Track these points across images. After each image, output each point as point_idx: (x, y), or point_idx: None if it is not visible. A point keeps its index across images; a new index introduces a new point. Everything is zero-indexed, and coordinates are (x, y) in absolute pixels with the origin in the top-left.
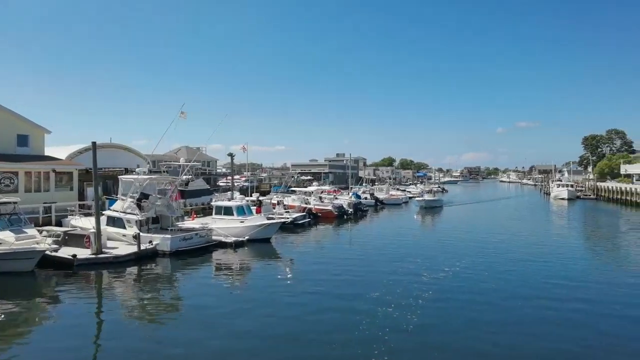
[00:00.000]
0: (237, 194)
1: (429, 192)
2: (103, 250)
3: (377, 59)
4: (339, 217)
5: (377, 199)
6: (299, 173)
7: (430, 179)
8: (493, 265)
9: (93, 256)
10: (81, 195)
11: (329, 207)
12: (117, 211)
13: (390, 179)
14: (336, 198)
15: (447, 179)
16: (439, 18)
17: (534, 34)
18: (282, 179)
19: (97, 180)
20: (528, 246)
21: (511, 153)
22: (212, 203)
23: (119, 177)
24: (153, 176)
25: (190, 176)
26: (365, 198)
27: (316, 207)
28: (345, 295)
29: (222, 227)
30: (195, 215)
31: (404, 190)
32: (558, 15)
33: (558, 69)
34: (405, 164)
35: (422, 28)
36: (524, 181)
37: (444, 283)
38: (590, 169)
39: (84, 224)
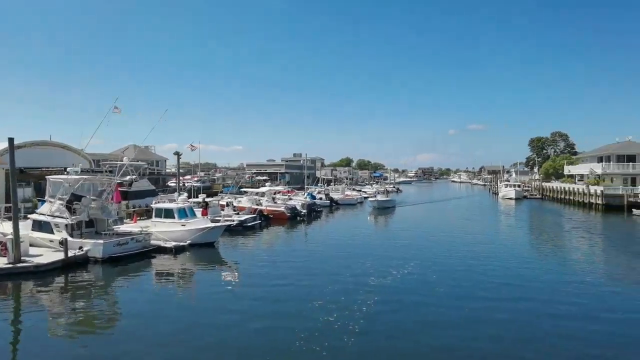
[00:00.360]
0: (184, 195)
1: (382, 192)
2: (22, 258)
3: (336, 61)
4: (292, 218)
5: (332, 200)
6: (254, 173)
7: (386, 179)
8: (441, 267)
9: (9, 265)
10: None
11: (282, 209)
12: (43, 214)
13: (347, 179)
14: (290, 199)
15: (402, 179)
16: (393, 20)
17: (483, 40)
18: (234, 179)
19: (14, 180)
20: (477, 246)
21: (462, 154)
22: (152, 205)
23: (46, 177)
24: (85, 176)
25: (133, 176)
26: (320, 198)
27: (268, 208)
28: (287, 301)
29: (162, 230)
30: (137, 218)
31: (360, 191)
32: (502, 21)
33: (506, 73)
34: (363, 165)
35: (378, 30)
36: (474, 181)
37: (390, 287)
38: (536, 169)
39: (6, 229)
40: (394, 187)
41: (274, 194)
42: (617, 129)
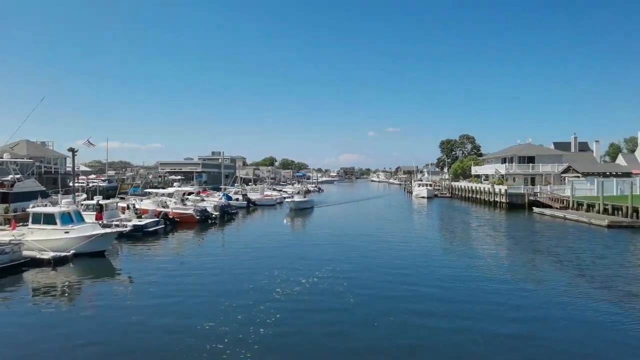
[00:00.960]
0: (83, 196)
1: (300, 193)
2: None
3: (266, 59)
4: (202, 221)
5: (249, 200)
6: (167, 172)
7: (309, 178)
8: (354, 272)
9: None
10: None
11: (190, 211)
12: None
13: (269, 178)
14: (203, 200)
15: (324, 178)
16: (313, 22)
17: (399, 46)
18: (142, 179)
19: None
20: (391, 247)
21: (381, 155)
22: (29, 209)
23: None
24: None
25: (17, 175)
26: (237, 199)
27: (174, 211)
28: (176, 319)
29: (40, 239)
30: (16, 224)
31: (280, 191)
32: (416, 22)
33: (419, 80)
34: (287, 164)
35: (299, 31)
36: (391, 181)
37: (296, 300)
38: (446, 169)
39: None
40: (316, 186)
41: (185, 194)
42: (518, 131)
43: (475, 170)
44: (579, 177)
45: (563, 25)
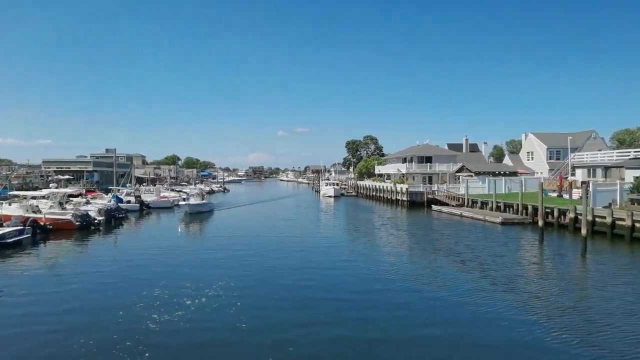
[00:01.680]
0: None
1: (197, 194)
2: None
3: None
4: (84, 228)
5: (142, 202)
6: (53, 171)
7: (215, 178)
8: (250, 288)
9: None
10: None
11: (68, 217)
12: None
13: (169, 178)
14: (88, 202)
15: (231, 178)
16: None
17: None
18: (7, 178)
19: None
20: (296, 251)
21: (290, 154)
22: None
23: None
24: None
25: None
26: (129, 201)
27: (48, 216)
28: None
29: None
30: None
31: (180, 191)
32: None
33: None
34: (191, 163)
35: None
36: (300, 180)
37: (173, 333)
38: (351, 169)
39: None
40: (221, 186)
41: (65, 196)
42: (416, 132)
43: (378, 169)
44: (472, 176)
45: (457, 31)
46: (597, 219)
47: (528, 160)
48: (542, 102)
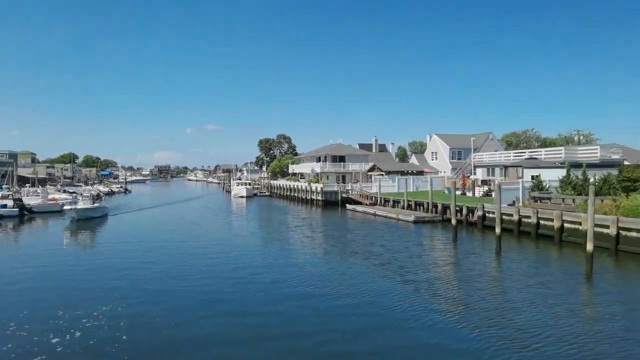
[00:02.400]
0: None
1: (86, 197)
2: None
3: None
4: None
5: (23, 207)
6: None
7: (117, 177)
8: (140, 316)
9: None
10: None
11: None
12: None
13: (64, 177)
14: None
15: (135, 177)
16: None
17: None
18: None
19: None
20: (197, 264)
21: (200, 153)
22: None
23: None
24: None
25: None
26: (4, 205)
27: None
28: None
29: None
30: None
31: (74, 193)
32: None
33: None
34: (91, 162)
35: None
36: (210, 179)
37: None
38: (264, 168)
39: None
40: (122, 187)
41: None
42: (328, 132)
43: (292, 169)
44: (383, 175)
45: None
46: (504, 217)
47: (433, 160)
48: (439, 105)
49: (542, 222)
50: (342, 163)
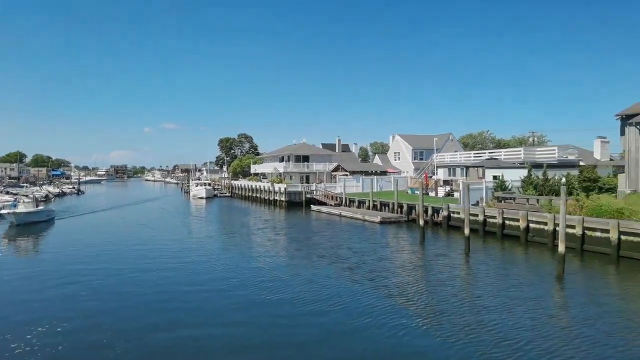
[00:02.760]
0: None
1: (28, 200)
2: None
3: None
4: None
5: None
6: None
7: (69, 178)
8: (86, 329)
9: None
10: None
11: None
12: None
13: (9, 178)
14: None
15: (89, 178)
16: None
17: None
18: None
19: None
20: (151, 276)
21: (158, 152)
22: None
23: None
24: None
25: None
26: None
27: None
28: None
29: None
30: None
31: (16, 195)
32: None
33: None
34: (41, 161)
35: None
36: (168, 180)
37: None
38: (225, 168)
39: None
40: (74, 187)
41: None
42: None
43: (255, 168)
44: (347, 175)
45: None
46: (470, 217)
47: (395, 160)
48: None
49: (507, 222)
50: (306, 163)
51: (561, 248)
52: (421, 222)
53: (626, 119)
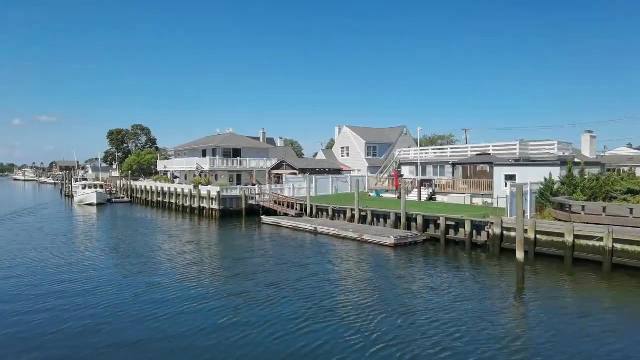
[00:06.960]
0: None
1: None
2: None
3: None
4: None
5: None
6: None
7: None
8: None
9: None
10: None
11: None
12: None
13: None
14: None
15: None
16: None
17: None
18: None
19: None
20: None
21: (30, 148)
22: None
23: None
24: None
25: None
26: None
27: None
28: None
29: None
30: None
31: None
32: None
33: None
34: None
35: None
36: (43, 179)
37: None
38: (115, 165)
39: None
40: None
41: None
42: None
43: (164, 165)
44: (296, 174)
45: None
46: (537, 236)
47: (343, 156)
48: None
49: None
50: (238, 158)
51: None
52: (520, 256)
53: None
